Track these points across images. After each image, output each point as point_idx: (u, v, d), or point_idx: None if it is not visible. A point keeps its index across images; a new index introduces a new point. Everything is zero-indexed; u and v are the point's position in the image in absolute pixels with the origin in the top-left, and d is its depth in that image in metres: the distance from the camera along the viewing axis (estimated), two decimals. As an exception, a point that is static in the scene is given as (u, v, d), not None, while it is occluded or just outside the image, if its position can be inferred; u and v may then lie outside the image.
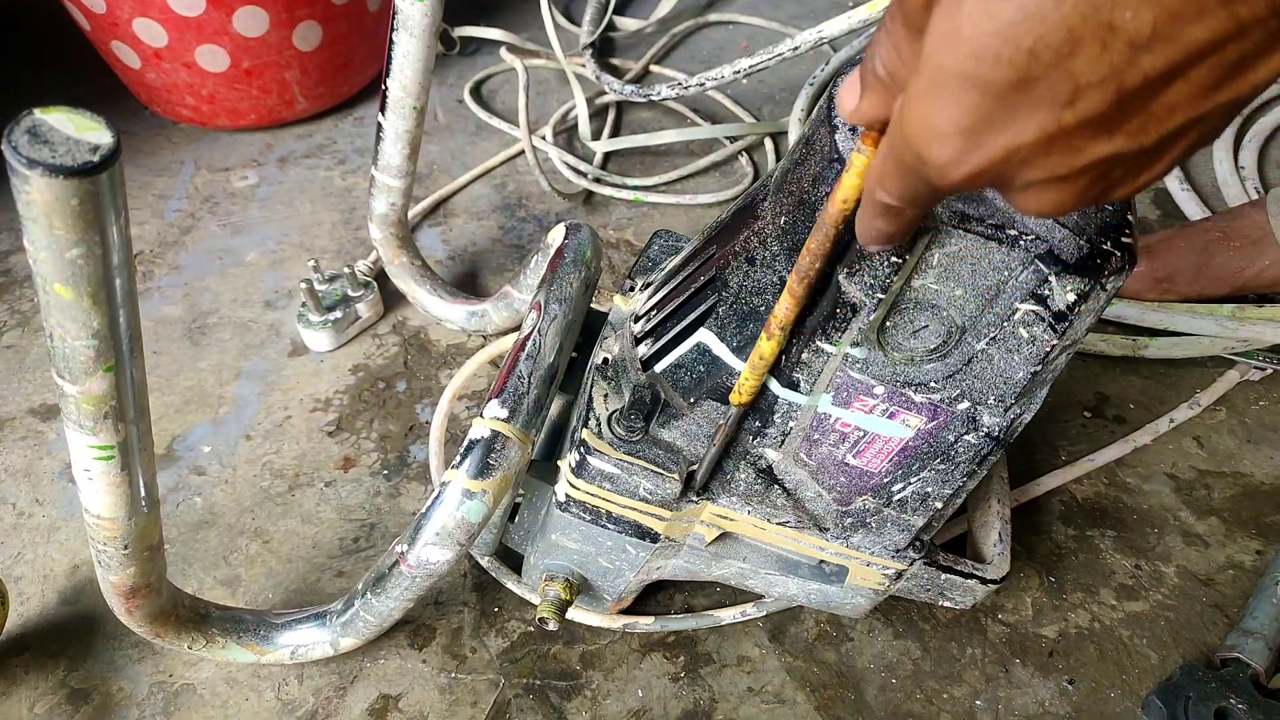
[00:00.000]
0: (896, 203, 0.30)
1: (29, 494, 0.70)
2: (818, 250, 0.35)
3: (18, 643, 0.62)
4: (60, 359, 0.34)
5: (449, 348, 0.82)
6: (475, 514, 0.47)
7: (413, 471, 0.72)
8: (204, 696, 0.59)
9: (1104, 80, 0.22)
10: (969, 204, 0.38)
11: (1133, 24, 0.21)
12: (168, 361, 0.80)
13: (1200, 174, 1.02)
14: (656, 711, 0.60)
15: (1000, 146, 0.24)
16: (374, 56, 1.07)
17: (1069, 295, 0.38)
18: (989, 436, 0.44)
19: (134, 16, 0.89)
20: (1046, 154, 0.24)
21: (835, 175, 0.39)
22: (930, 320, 0.40)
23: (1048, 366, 0.41)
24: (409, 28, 0.64)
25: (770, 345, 0.40)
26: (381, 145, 0.72)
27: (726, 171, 1.03)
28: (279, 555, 0.67)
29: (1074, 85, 0.22)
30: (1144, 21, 0.21)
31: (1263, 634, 0.61)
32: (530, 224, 0.95)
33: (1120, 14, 0.21)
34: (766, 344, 0.40)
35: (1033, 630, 0.65)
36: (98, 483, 0.41)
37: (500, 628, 0.63)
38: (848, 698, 0.61)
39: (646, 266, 0.57)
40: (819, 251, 0.35)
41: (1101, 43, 0.21)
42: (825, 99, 0.42)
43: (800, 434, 0.46)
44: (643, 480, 0.48)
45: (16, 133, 0.27)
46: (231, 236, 0.92)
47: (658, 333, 0.49)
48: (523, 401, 0.49)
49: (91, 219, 0.29)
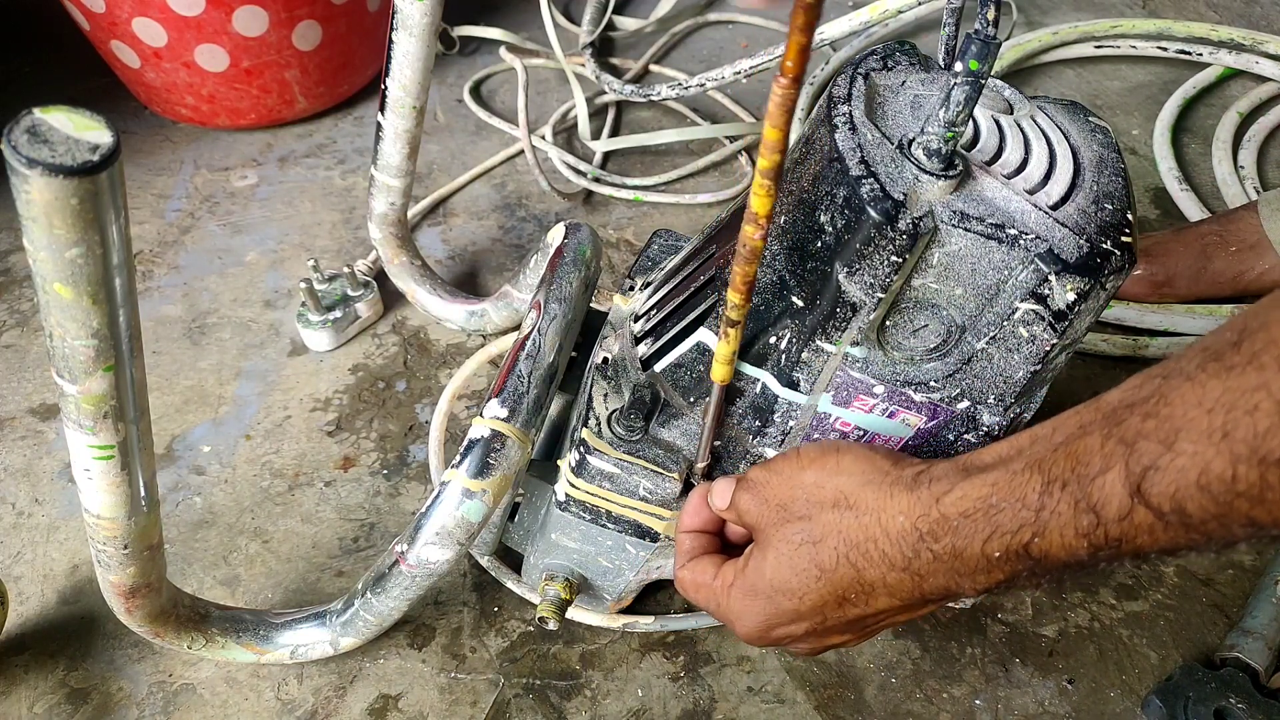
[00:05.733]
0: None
1: (29, 494, 0.70)
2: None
3: (17, 642, 0.61)
4: (60, 358, 0.34)
5: (449, 347, 0.82)
6: (475, 513, 0.47)
7: (412, 471, 0.72)
8: (204, 696, 0.59)
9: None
10: (969, 203, 0.38)
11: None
12: (168, 361, 0.80)
13: (1200, 174, 1.02)
14: (656, 711, 0.60)
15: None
16: (374, 56, 1.07)
17: (1069, 294, 0.38)
18: (989, 436, 0.44)
19: (133, 16, 0.88)
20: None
21: (835, 174, 0.39)
22: (930, 320, 0.40)
23: (1048, 366, 0.41)
24: (408, 27, 0.63)
25: (738, 314, 0.39)
26: (381, 145, 0.72)
27: (726, 171, 1.03)
28: (279, 555, 0.67)
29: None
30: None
31: (1262, 634, 0.61)
32: (530, 224, 0.95)
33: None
34: (734, 313, 0.39)
35: (1032, 630, 0.65)
36: (97, 482, 0.41)
37: (500, 627, 0.63)
38: (848, 697, 0.61)
39: (646, 266, 0.57)
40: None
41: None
42: (825, 99, 0.42)
43: (800, 433, 0.46)
44: (643, 480, 0.48)
45: (16, 132, 0.27)
46: (231, 236, 0.92)
47: (657, 332, 0.49)
48: (522, 401, 0.49)
49: (91, 218, 0.29)
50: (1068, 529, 0.31)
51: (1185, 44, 1.16)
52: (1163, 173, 1.01)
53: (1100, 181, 0.41)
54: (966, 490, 0.35)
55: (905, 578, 0.37)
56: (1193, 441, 0.28)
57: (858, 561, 0.38)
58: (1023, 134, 0.42)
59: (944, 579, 0.36)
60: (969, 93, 0.36)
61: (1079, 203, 0.39)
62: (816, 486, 0.40)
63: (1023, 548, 0.33)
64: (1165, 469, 0.28)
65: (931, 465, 0.38)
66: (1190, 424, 0.28)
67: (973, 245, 0.37)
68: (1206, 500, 0.27)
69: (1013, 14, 1.21)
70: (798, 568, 0.40)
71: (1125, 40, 1.17)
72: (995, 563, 0.34)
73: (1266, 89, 1.10)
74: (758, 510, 0.42)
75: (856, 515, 0.38)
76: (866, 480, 0.39)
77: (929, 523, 0.36)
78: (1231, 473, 0.26)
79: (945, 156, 0.38)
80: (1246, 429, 0.26)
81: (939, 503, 0.35)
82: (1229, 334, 0.29)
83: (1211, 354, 0.29)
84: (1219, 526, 0.28)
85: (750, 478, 0.44)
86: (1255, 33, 1.12)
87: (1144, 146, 1.07)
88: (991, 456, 0.36)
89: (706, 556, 0.46)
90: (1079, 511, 0.31)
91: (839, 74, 0.45)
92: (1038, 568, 0.33)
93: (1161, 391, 0.29)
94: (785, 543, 0.41)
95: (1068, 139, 0.43)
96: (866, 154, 0.38)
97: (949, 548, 0.35)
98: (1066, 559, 0.32)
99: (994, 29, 0.36)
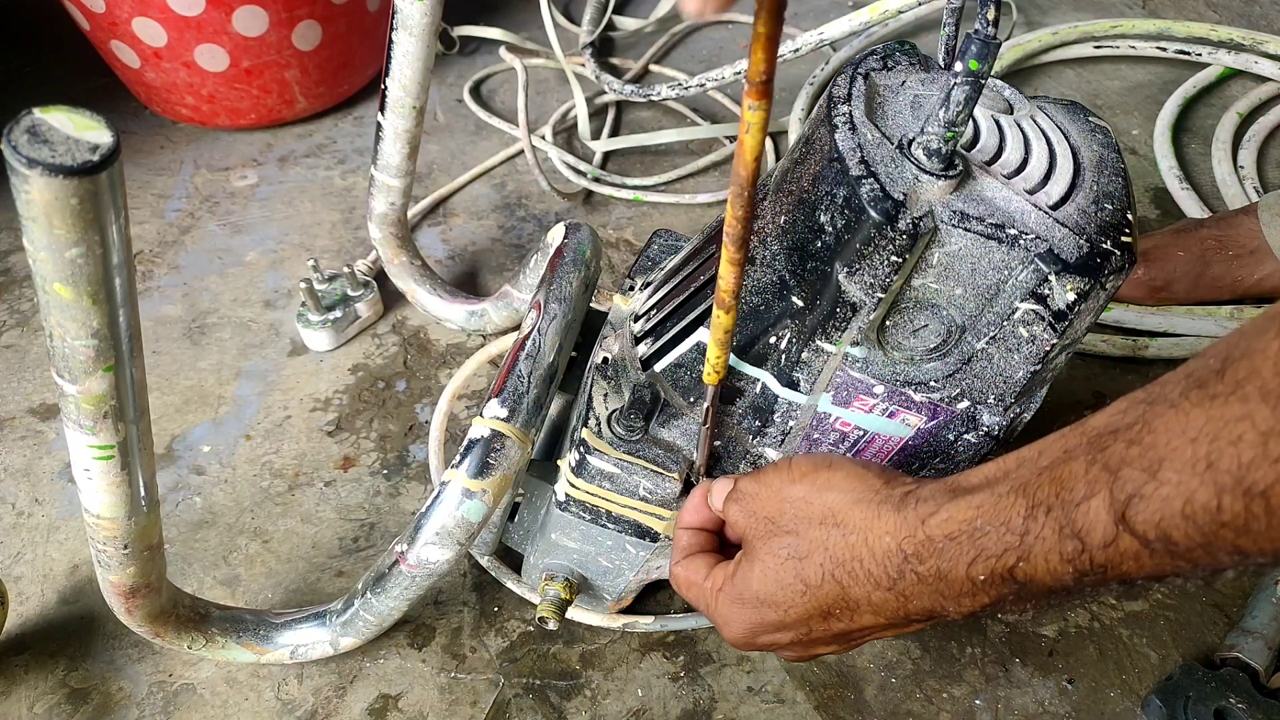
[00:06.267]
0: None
1: (29, 494, 0.70)
2: (740, 214, 0.34)
3: (17, 642, 0.61)
4: (60, 358, 0.34)
5: (448, 347, 0.82)
6: (475, 513, 0.47)
7: (412, 471, 0.72)
8: (204, 696, 0.59)
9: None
10: (969, 203, 0.38)
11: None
12: (167, 361, 0.80)
13: (1200, 174, 1.02)
14: (656, 711, 0.60)
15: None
16: (374, 56, 1.07)
17: (1069, 294, 0.38)
18: (989, 435, 0.44)
19: (133, 16, 0.88)
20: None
21: (835, 174, 0.39)
22: (930, 319, 0.40)
23: (1047, 365, 0.41)
24: (408, 27, 0.63)
25: (727, 318, 0.38)
26: (381, 145, 0.72)
27: (726, 171, 1.03)
28: (279, 555, 0.67)
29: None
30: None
31: (1262, 633, 0.61)
32: (530, 223, 0.95)
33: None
34: (724, 317, 0.38)
35: (1032, 629, 0.65)
36: (97, 482, 0.41)
37: (500, 627, 0.63)
38: (848, 697, 0.61)
39: (646, 266, 0.57)
40: (741, 215, 0.34)
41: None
42: (825, 99, 0.42)
43: (800, 433, 0.46)
44: (642, 480, 0.48)
45: (16, 132, 0.27)
46: (231, 236, 0.92)
47: (657, 332, 0.49)
48: (522, 401, 0.49)
49: (91, 218, 0.29)
50: (1052, 554, 0.31)
51: (1185, 44, 1.16)
52: (1163, 172, 1.01)
53: (1100, 181, 0.41)
54: (952, 512, 0.35)
55: (890, 597, 0.37)
56: (1176, 471, 0.28)
57: (843, 579, 0.38)
58: (1023, 134, 0.42)
59: (929, 601, 0.36)
60: (969, 93, 0.36)
61: (1079, 203, 0.39)
62: (805, 502, 0.40)
63: (1007, 571, 0.33)
64: (1149, 498, 0.28)
65: (921, 485, 0.38)
66: (1174, 453, 0.28)
67: (973, 245, 0.37)
68: (1192, 529, 0.27)
69: (1013, 14, 1.21)
70: (783, 582, 0.40)
71: (1125, 40, 1.17)
72: (980, 586, 0.34)
73: (1266, 89, 1.10)
74: (745, 522, 0.43)
75: (844, 533, 0.38)
76: (856, 498, 0.39)
77: (914, 544, 0.36)
78: (1216, 503, 0.27)
79: (945, 156, 0.38)
80: (1230, 460, 0.26)
81: (925, 524, 0.35)
82: (1212, 360, 0.28)
83: (1195, 381, 0.28)
84: (1205, 555, 0.28)
85: (740, 489, 0.44)
86: (1255, 33, 1.12)
87: (1144, 146, 1.07)
88: (978, 478, 0.36)
89: (701, 555, 0.47)
90: (1063, 537, 0.31)
91: (839, 74, 0.45)
92: (1023, 592, 0.33)
93: (1145, 418, 0.30)
94: (772, 556, 0.41)
95: (1068, 139, 0.43)
96: (866, 154, 0.38)
97: (934, 569, 0.35)
98: (1052, 584, 0.32)
99: (994, 29, 0.36)
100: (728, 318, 0.38)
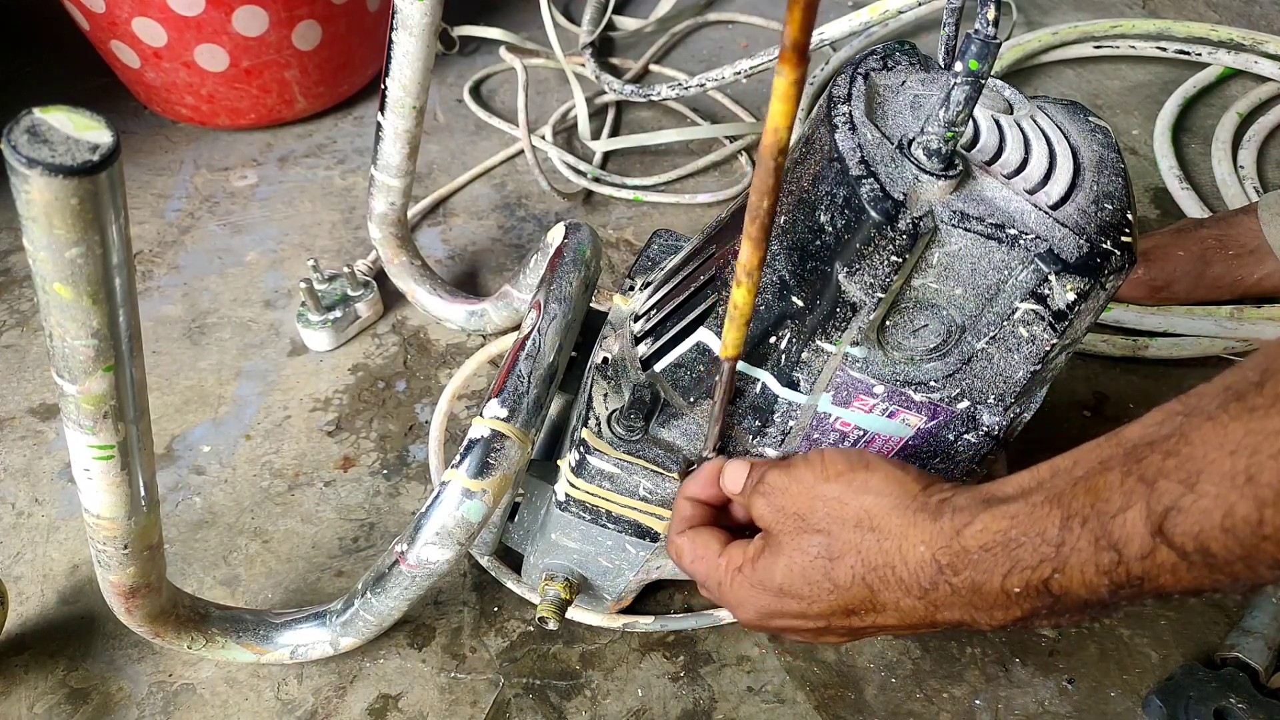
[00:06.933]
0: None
1: (28, 494, 0.70)
2: (762, 186, 0.34)
3: (17, 642, 0.61)
4: (60, 358, 0.34)
5: (448, 347, 0.82)
6: (475, 513, 0.47)
7: (412, 471, 0.72)
8: (204, 696, 0.59)
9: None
10: (969, 203, 0.38)
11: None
12: (167, 361, 0.80)
13: (1200, 173, 1.02)
14: (656, 711, 0.60)
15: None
16: (374, 56, 1.07)
17: (1069, 294, 0.38)
18: (989, 435, 0.44)
19: (133, 16, 0.88)
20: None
21: (835, 174, 0.39)
22: (930, 319, 0.40)
23: (1047, 365, 0.41)
24: (408, 27, 0.63)
25: (742, 292, 0.37)
26: (381, 145, 0.72)
27: (726, 171, 1.03)
28: (278, 555, 0.67)
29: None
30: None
31: (1263, 633, 0.61)
32: (530, 223, 0.95)
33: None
34: (738, 291, 0.37)
35: (1033, 629, 0.65)
36: (97, 482, 0.41)
37: (500, 627, 0.63)
38: (848, 697, 0.61)
39: (646, 266, 0.57)
40: (763, 188, 0.34)
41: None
42: (825, 99, 0.42)
43: (800, 433, 0.46)
44: (642, 480, 0.48)
45: (16, 132, 0.27)
46: (231, 236, 0.92)
47: (657, 332, 0.49)
48: (522, 401, 0.49)
49: (91, 218, 0.29)
50: (1088, 566, 0.31)
51: (1185, 44, 1.16)
52: (1163, 171, 1.01)
53: (1100, 181, 0.41)
54: (987, 523, 0.34)
55: (920, 605, 0.37)
56: (1215, 484, 0.27)
57: (874, 584, 0.38)
58: (1023, 134, 0.42)
59: (960, 612, 0.36)
60: (969, 93, 0.36)
61: (1079, 203, 0.39)
62: (839, 502, 0.39)
63: (1042, 583, 0.33)
64: (1188, 510, 0.28)
65: (956, 493, 0.37)
66: (1212, 465, 0.28)
67: (973, 245, 0.37)
68: (1231, 542, 0.27)
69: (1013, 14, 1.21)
70: (811, 579, 0.40)
71: (1125, 40, 1.17)
72: (1014, 599, 0.34)
73: (1266, 89, 1.10)
74: (773, 516, 0.42)
75: (879, 539, 0.38)
76: (894, 504, 0.38)
77: (949, 555, 0.35)
78: (1259, 516, 0.26)
79: (945, 156, 0.38)
80: (1272, 474, 0.26)
81: (960, 535, 0.35)
82: (1251, 373, 0.28)
83: (1234, 393, 0.28)
84: (1245, 568, 0.28)
85: (769, 482, 0.42)
86: (1255, 33, 1.12)
87: (1144, 146, 1.07)
88: (1012, 488, 0.35)
89: (707, 529, 0.45)
90: (1100, 549, 0.31)
91: (839, 74, 0.45)
92: (1057, 605, 0.33)
93: (1183, 430, 0.29)
94: (800, 552, 0.40)
95: (1068, 139, 0.43)
96: (866, 154, 0.38)
97: (968, 581, 0.35)
98: (1087, 596, 0.32)
99: (994, 29, 0.36)
100: (744, 294, 0.37)
